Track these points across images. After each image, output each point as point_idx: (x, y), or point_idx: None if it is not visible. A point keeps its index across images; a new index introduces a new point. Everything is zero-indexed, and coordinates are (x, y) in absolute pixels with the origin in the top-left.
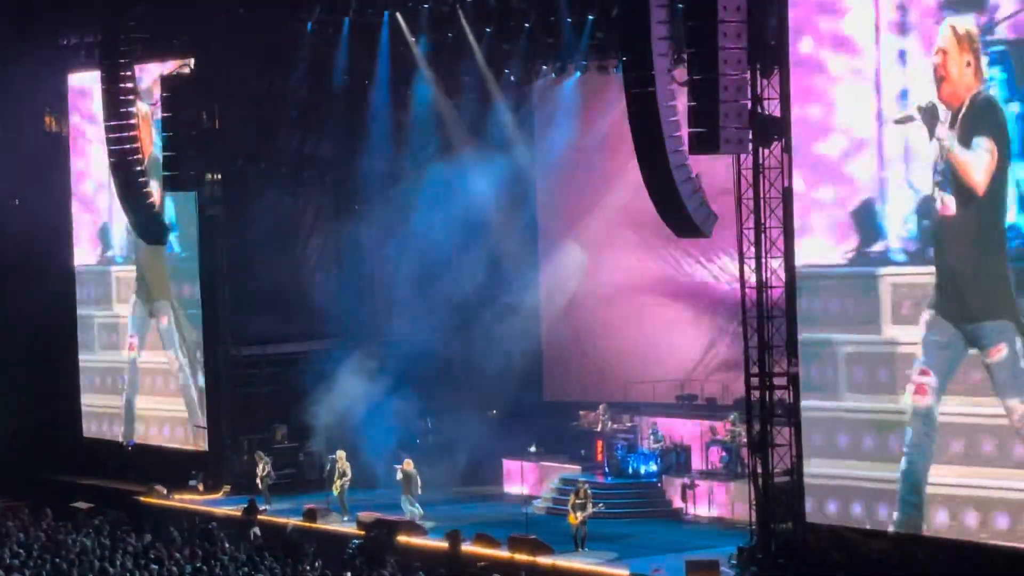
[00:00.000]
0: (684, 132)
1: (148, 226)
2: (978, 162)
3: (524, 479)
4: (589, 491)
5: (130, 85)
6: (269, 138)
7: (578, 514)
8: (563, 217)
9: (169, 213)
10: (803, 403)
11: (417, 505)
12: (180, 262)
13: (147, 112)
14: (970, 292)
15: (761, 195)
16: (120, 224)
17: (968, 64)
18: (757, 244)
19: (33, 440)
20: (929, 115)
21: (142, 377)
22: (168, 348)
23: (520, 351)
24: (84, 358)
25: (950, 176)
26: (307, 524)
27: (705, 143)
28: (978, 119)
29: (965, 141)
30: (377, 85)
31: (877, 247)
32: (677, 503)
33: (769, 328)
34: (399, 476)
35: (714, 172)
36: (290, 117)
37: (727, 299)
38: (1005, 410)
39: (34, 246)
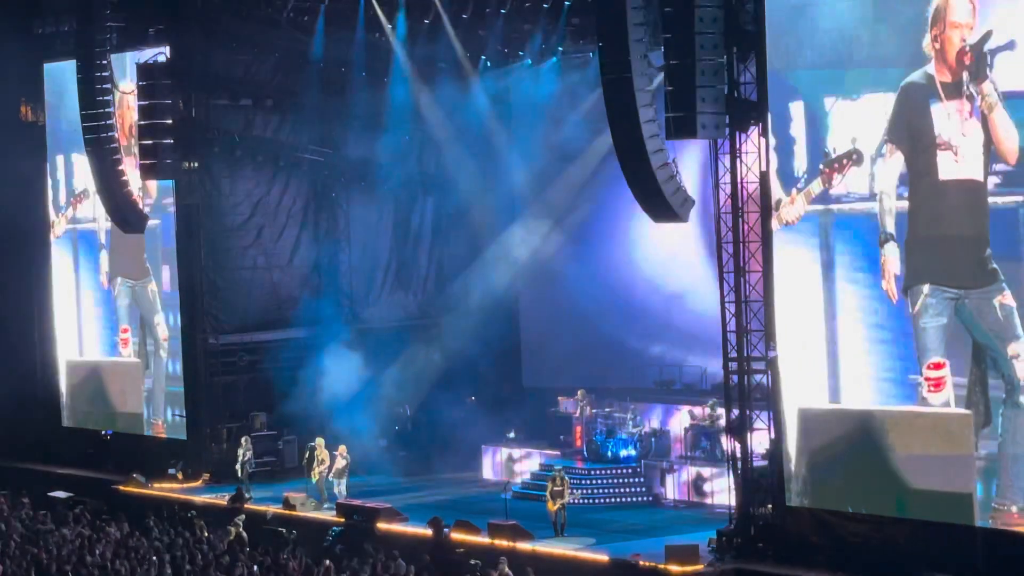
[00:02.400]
0: (661, 117)
1: (126, 215)
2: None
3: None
4: (566, 478)
5: (106, 74)
6: (246, 126)
7: (556, 501)
8: (541, 202)
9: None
10: None
11: (343, 489)
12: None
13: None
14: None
15: (739, 179)
16: None
17: None
18: (735, 229)
19: (10, 429)
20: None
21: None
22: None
23: (498, 337)
24: None
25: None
26: (287, 512)
27: (682, 128)
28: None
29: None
30: (354, 71)
31: None
32: (656, 488)
33: (747, 313)
34: (340, 463)
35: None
36: (267, 104)
37: (705, 285)
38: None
39: (10, 235)
